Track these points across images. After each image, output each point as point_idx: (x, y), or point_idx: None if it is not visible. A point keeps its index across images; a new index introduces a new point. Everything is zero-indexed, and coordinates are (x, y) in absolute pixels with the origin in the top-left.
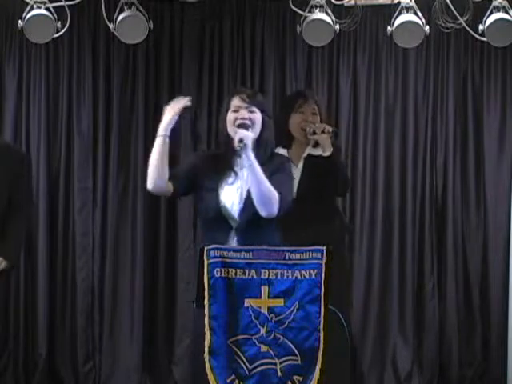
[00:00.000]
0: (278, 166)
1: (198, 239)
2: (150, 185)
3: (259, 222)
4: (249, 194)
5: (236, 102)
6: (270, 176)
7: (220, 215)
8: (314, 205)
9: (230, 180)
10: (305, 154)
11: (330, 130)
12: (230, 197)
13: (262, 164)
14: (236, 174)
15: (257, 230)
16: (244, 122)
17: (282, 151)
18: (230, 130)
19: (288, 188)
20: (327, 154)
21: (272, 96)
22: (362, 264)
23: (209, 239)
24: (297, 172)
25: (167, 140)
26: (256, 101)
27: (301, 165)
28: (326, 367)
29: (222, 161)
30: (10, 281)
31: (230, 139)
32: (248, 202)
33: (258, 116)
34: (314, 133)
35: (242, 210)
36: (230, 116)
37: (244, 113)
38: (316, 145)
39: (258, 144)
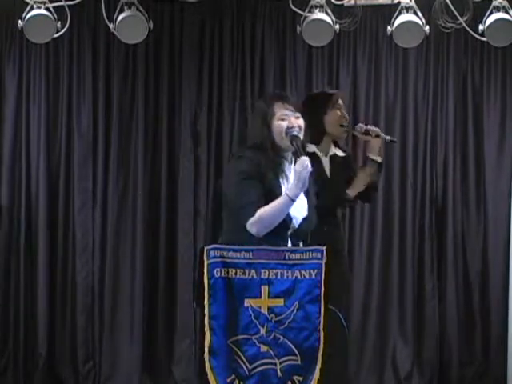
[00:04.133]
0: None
1: (199, 239)
2: (257, 232)
3: (310, 230)
4: (309, 202)
5: (280, 110)
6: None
7: (282, 224)
8: (335, 204)
9: (285, 185)
10: (331, 153)
11: (388, 138)
12: (297, 206)
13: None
14: (287, 178)
15: (305, 236)
16: (296, 135)
17: (310, 146)
18: (280, 138)
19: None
20: (378, 159)
21: None
22: (361, 264)
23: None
24: (326, 165)
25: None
26: (297, 106)
27: (328, 160)
28: (325, 367)
29: (274, 169)
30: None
31: (277, 147)
32: (310, 211)
33: (302, 121)
34: (367, 133)
35: (305, 219)
36: (278, 124)
37: (293, 120)
38: (336, 145)
39: (303, 147)
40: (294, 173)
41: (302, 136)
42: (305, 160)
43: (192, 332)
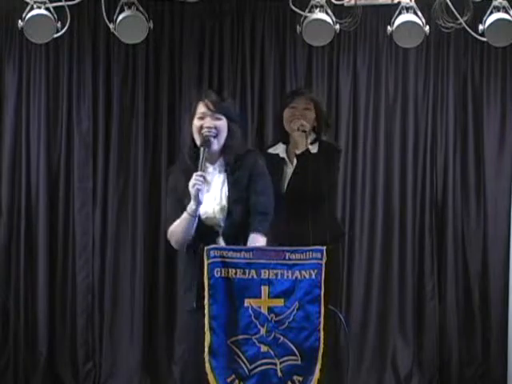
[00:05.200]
0: (252, 169)
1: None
2: (174, 246)
3: (243, 220)
4: (229, 198)
5: (201, 108)
6: (251, 182)
7: (204, 226)
8: (303, 203)
9: (205, 189)
10: (300, 151)
11: (306, 128)
12: (210, 205)
13: (232, 170)
14: (209, 182)
15: (243, 231)
16: (208, 139)
17: (281, 147)
18: (196, 137)
19: (270, 191)
20: (298, 152)
21: (272, 96)
22: (361, 264)
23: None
24: (289, 170)
25: (196, 220)
26: (222, 107)
27: (295, 160)
28: (325, 367)
29: (191, 172)
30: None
31: (196, 147)
32: (231, 208)
33: (223, 123)
34: (298, 129)
35: (227, 216)
36: (196, 123)
37: (209, 120)
38: (313, 142)
39: (224, 151)
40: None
41: (216, 141)
42: (194, 178)
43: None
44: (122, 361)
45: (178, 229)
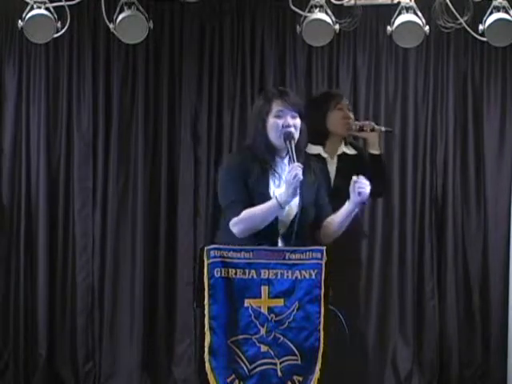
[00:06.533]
0: (320, 173)
1: (199, 239)
2: (238, 232)
3: (306, 225)
4: (305, 198)
5: (278, 106)
6: (319, 186)
7: (272, 222)
8: (342, 202)
9: (276, 183)
10: (339, 152)
11: (383, 129)
12: (293, 202)
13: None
14: (280, 176)
15: (301, 233)
16: (290, 132)
17: (314, 148)
18: (274, 135)
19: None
20: (377, 152)
21: None
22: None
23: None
24: (332, 166)
25: (281, 210)
26: (297, 104)
27: (335, 160)
28: (325, 367)
29: (264, 166)
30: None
31: (271, 144)
32: (303, 208)
33: (299, 121)
34: (362, 129)
35: (298, 215)
36: (274, 121)
37: (289, 119)
38: (346, 143)
39: (296, 149)
40: (285, 180)
41: (296, 136)
42: (295, 169)
43: (192, 332)
44: (122, 361)
45: (258, 214)
